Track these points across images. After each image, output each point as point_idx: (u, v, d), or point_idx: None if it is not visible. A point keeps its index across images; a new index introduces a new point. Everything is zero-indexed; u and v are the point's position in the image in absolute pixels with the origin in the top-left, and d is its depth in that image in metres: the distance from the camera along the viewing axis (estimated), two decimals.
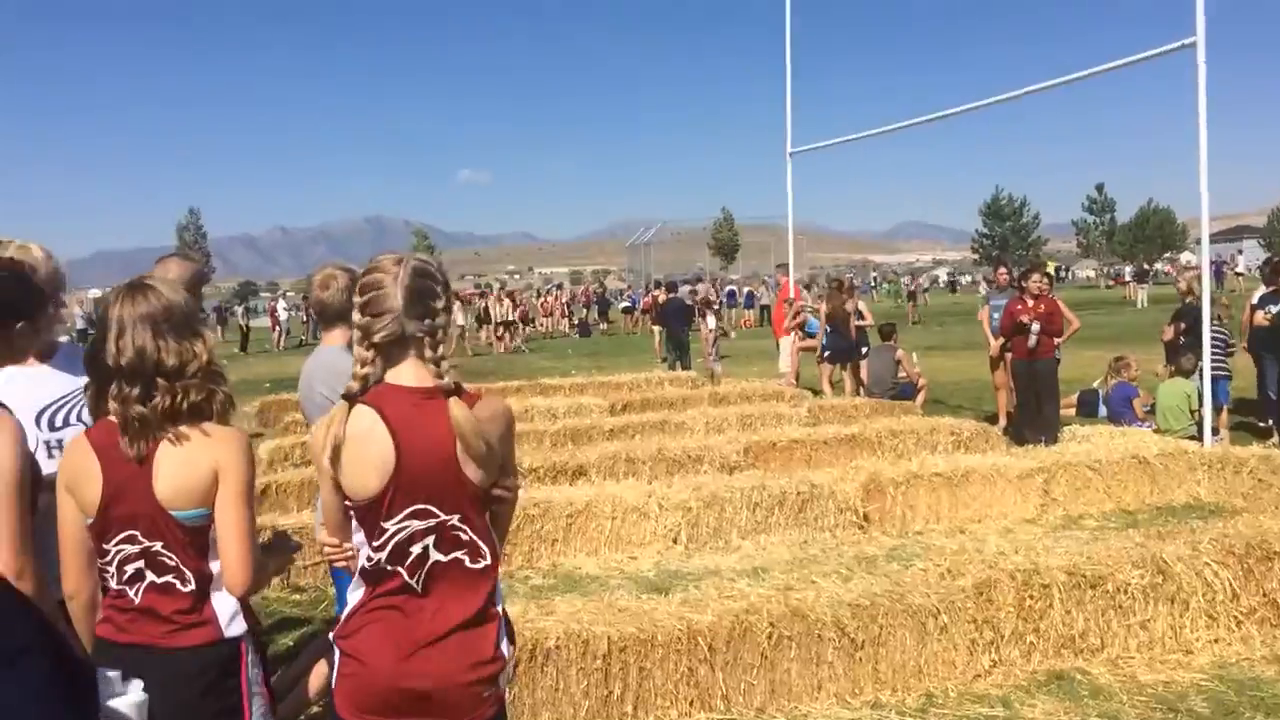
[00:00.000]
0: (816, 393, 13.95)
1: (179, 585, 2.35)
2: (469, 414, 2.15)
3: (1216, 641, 4.94)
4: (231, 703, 2.37)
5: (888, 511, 7.51)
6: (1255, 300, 11.24)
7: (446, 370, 2.21)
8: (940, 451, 9.02)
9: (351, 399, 2.20)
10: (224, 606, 2.39)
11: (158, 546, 2.35)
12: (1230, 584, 5.01)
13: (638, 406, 12.96)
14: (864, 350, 13.86)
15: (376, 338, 2.21)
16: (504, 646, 2.25)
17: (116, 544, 2.35)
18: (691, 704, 4.31)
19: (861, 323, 13.94)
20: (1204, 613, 4.98)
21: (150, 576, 2.35)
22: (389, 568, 2.19)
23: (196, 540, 2.37)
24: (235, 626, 2.40)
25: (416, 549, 2.18)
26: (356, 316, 2.24)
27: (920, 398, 12.93)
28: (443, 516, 2.18)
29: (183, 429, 2.36)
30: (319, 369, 3.81)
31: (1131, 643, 4.86)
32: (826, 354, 14.54)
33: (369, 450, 2.16)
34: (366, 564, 2.22)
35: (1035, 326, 10.38)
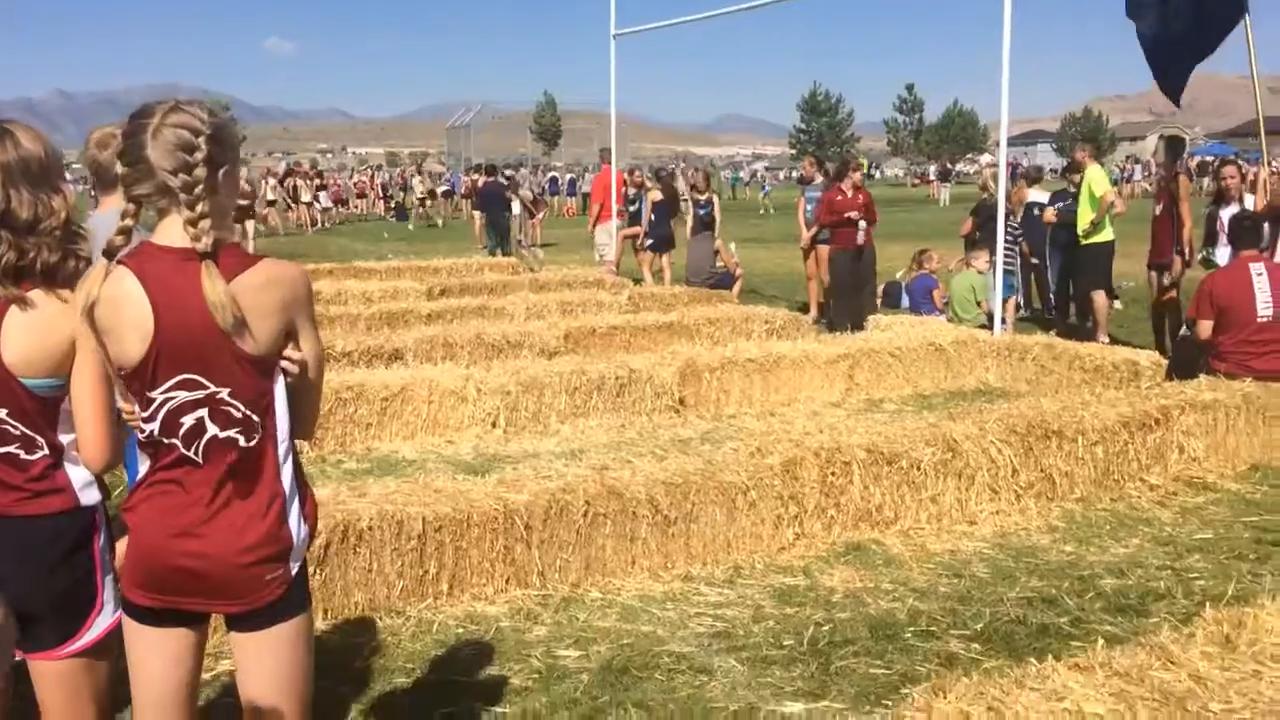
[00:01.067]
0: (638, 281, 14.07)
1: (23, 454, 2.22)
2: (217, 282, 1.97)
3: (998, 513, 5.34)
4: (84, 572, 2.30)
5: (703, 396, 7.71)
6: (1047, 199, 11.98)
7: (204, 231, 2.00)
8: (755, 339, 9.28)
9: (110, 256, 2.02)
10: (78, 475, 2.28)
11: (2, 414, 2.20)
12: (1012, 460, 5.40)
13: (456, 292, 12.73)
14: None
15: (132, 190, 2.03)
16: (292, 526, 2.13)
17: None
18: (508, 581, 4.35)
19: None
20: (988, 487, 5.36)
21: None
22: (164, 440, 2.06)
23: (47, 410, 2.23)
24: (89, 495, 2.31)
25: (188, 420, 2.04)
26: (118, 167, 2.05)
27: (736, 287, 13.22)
28: (212, 388, 2.03)
29: (38, 293, 2.17)
30: (98, 238, 3.52)
31: (922, 515, 5.19)
32: (649, 243, 14.64)
33: (126, 314, 1.99)
34: (142, 436, 2.08)
35: (863, 224, 10.77)
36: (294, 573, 2.14)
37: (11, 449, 2.23)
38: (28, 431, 2.23)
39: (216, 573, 2.06)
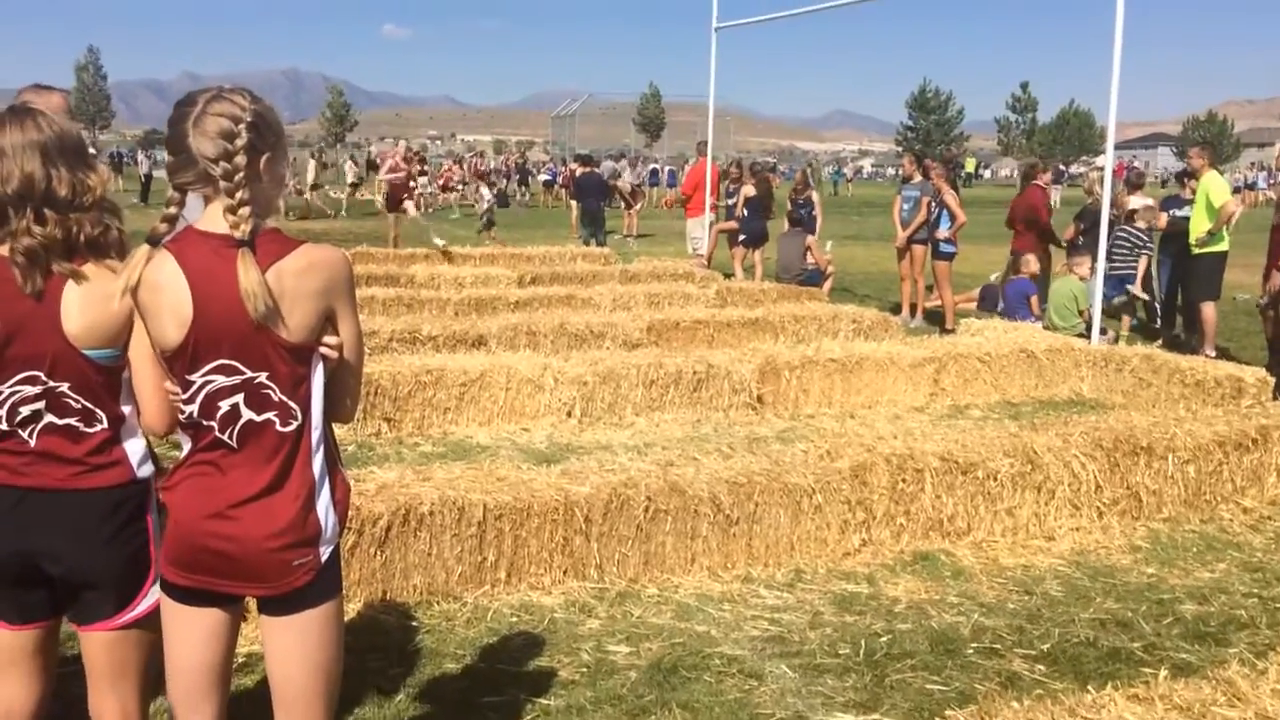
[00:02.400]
0: (728, 275, 13.97)
1: (83, 427, 2.28)
2: (251, 271, 1.99)
3: (1078, 530, 5.14)
4: (139, 544, 2.35)
5: (782, 394, 7.61)
6: (1159, 205, 11.51)
7: (244, 219, 2.02)
8: (840, 338, 9.13)
9: (154, 242, 2.06)
10: (134, 448, 2.33)
11: (64, 388, 2.25)
12: (1095, 476, 5.20)
13: (546, 280, 12.82)
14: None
15: (176, 179, 2.06)
16: (321, 513, 2.14)
17: (12, 385, 2.23)
18: (565, 572, 4.35)
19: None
20: (1068, 502, 5.17)
21: (49, 418, 2.26)
22: (203, 422, 2.10)
23: (110, 381, 2.29)
24: (145, 468, 2.36)
25: (225, 405, 2.07)
26: (167, 154, 2.08)
27: (827, 285, 13.03)
28: (249, 373, 2.06)
29: (90, 266, 2.23)
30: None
31: (997, 527, 5.03)
32: (742, 238, 14.53)
33: (166, 299, 2.03)
34: (182, 418, 2.12)
35: None
36: (324, 559, 2.16)
37: (71, 421, 2.28)
38: (88, 404, 2.28)
39: (245, 555, 2.09)
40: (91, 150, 2.86)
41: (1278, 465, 5.63)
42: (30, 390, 2.25)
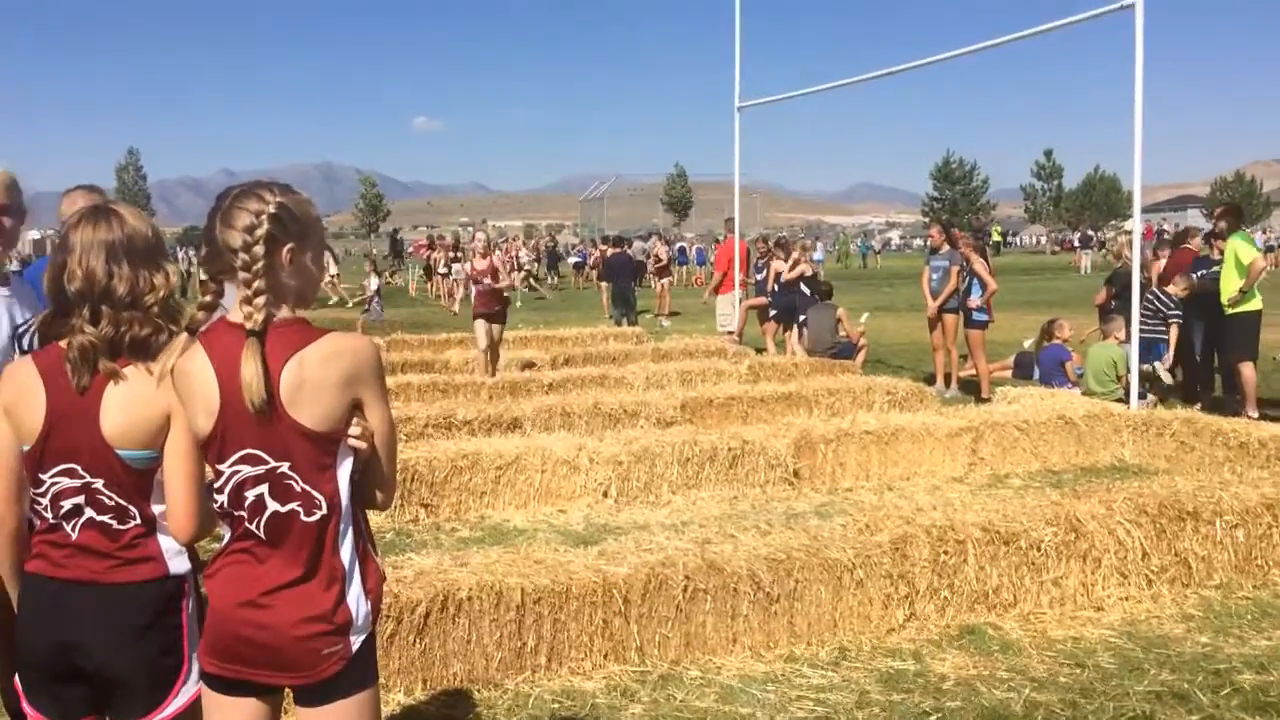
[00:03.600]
0: (760, 350, 14.00)
1: (116, 524, 2.30)
2: (251, 362, 2.02)
3: (1127, 599, 5.03)
4: (171, 639, 2.33)
5: (818, 468, 7.56)
6: (1190, 267, 11.44)
7: (257, 309, 2.05)
8: (875, 410, 9.09)
9: (192, 332, 2.11)
10: (169, 543, 2.34)
11: (99, 484, 2.28)
12: (1142, 543, 5.10)
13: (579, 361, 12.91)
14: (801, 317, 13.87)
15: (209, 269, 2.13)
16: (352, 602, 2.14)
17: (53, 476, 2.28)
18: (606, 656, 4.30)
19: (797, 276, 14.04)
20: (1115, 570, 5.06)
21: (89, 513, 2.29)
22: (234, 512, 2.13)
23: (142, 482, 2.30)
24: (179, 564, 2.36)
25: (251, 495, 2.10)
26: (203, 248, 2.15)
27: (860, 357, 13.02)
28: (272, 463, 2.08)
29: (133, 368, 2.28)
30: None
31: (1044, 599, 4.93)
32: (773, 313, 14.58)
33: (195, 388, 2.08)
34: (216, 507, 2.15)
35: None
36: (355, 648, 2.14)
37: (106, 518, 2.30)
38: (121, 501, 2.31)
39: (276, 643, 2.09)
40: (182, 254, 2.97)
41: None
42: (70, 483, 2.28)
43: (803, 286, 14.13)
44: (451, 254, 32.06)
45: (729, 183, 14.69)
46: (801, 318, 13.71)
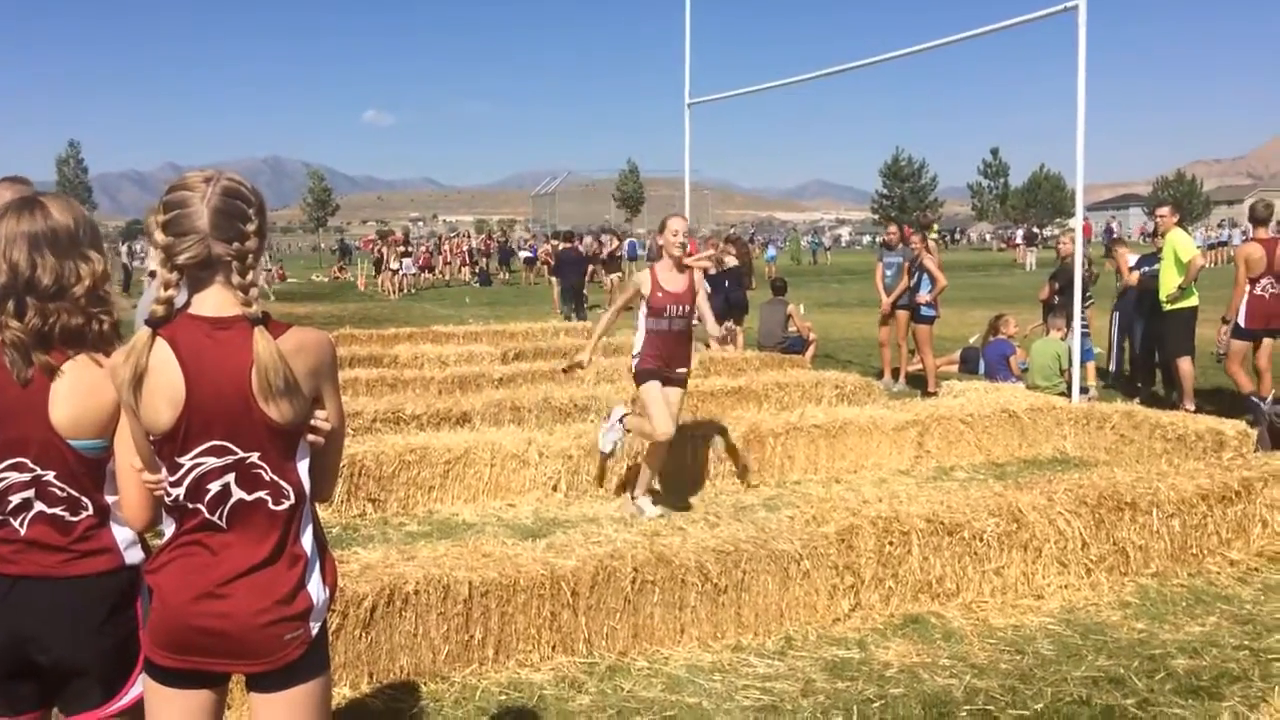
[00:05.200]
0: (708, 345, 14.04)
1: (69, 515, 2.28)
2: (271, 347, 2.05)
3: (1066, 587, 5.13)
4: (127, 631, 2.33)
5: (767, 461, 7.62)
6: (1133, 263, 11.67)
7: (255, 298, 2.09)
8: (824, 404, 9.16)
9: (156, 325, 2.09)
10: (123, 534, 2.33)
11: (50, 476, 2.26)
12: (1081, 533, 5.20)
13: (530, 355, 12.86)
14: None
15: (180, 259, 2.09)
16: (313, 589, 2.16)
17: (1, 472, 2.25)
18: (554, 648, 4.30)
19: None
20: (1055, 560, 5.16)
21: (39, 506, 2.27)
22: (189, 505, 2.11)
23: (93, 472, 2.29)
24: (134, 554, 2.36)
25: (215, 486, 2.10)
26: (159, 236, 2.11)
27: (810, 352, 13.12)
28: (240, 454, 2.09)
29: (82, 357, 2.26)
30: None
31: (985, 588, 5.01)
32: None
33: (159, 382, 2.06)
34: (168, 500, 2.13)
35: None
36: (314, 633, 2.17)
37: (58, 510, 2.29)
38: (74, 493, 2.29)
39: (237, 631, 2.09)
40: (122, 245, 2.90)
41: (1262, 517, 5.65)
42: (19, 478, 2.26)
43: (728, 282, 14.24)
44: (401, 249, 31.81)
45: (680, 179, 14.70)
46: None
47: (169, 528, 2.19)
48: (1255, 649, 4.38)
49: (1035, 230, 59.81)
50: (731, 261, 14.62)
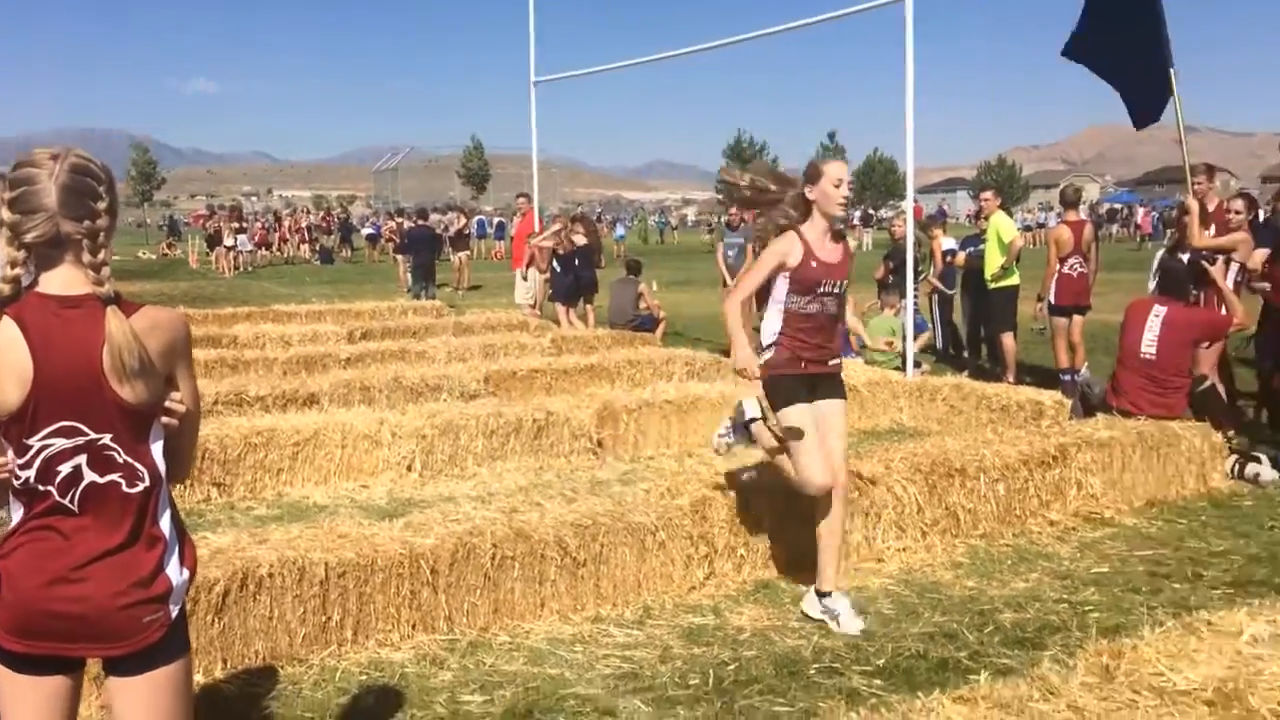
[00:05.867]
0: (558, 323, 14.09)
1: None
2: (125, 326, 2.01)
3: (904, 550, 5.44)
4: None
5: (621, 438, 7.74)
6: (952, 245, 12.33)
7: (106, 278, 2.05)
8: (675, 381, 9.35)
9: (1, 305, 2.01)
10: None
11: None
12: (917, 498, 5.52)
13: (378, 335, 12.63)
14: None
15: (28, 237, 2.03)
16: (172, 570, 2.14)
17: None
18: (414, 626, 4.31)
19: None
20: (894, 524, 5.46)
21: None
22: (39, 487, 2.06)
23: None
24: None
25: (65, 468, 2.05)
26: (5, 214, 2.04)
27: (659, 330, 13.32)
28: (91, 435, 2.05)
29: None
30: None
31: None
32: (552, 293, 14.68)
33: (6, 361, 2.00)
34: (17, 483, 2.07)
35: None
36: (174, 616, 2.14)
37: None
38: None
39: (95, 615, 2.05)
40: None
41: (1077, 480, 6.10)
42: None
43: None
44: (235, 224, 30.56)
45: (527, 156, 14.66)
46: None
47: (17, 512, 2.12)
48: (1073, 602, 4.76)
49: (870, 212, 62.03)
50: (581, 240, 14.70)
